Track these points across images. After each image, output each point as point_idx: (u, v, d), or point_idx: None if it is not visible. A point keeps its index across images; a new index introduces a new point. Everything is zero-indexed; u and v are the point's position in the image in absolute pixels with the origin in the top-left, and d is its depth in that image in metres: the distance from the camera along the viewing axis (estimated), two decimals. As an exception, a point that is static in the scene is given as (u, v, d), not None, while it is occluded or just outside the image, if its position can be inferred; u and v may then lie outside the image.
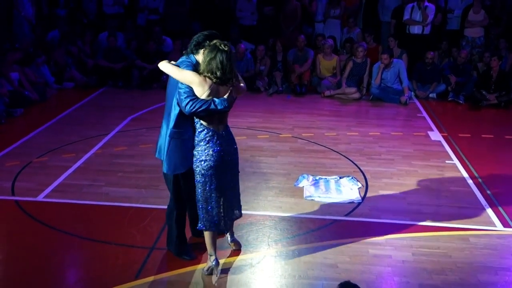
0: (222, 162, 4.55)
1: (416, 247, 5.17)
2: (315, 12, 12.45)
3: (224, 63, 4.37)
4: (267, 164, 7.20)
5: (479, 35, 11.56)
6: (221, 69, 4.36)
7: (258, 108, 10.01)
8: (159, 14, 12.52)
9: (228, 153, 4.61)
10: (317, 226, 5.55)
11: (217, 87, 4.45)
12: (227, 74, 4.41)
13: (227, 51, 4.41)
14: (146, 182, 6.53)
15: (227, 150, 4.58)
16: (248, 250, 5.08)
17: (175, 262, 4.85)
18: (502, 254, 5.12)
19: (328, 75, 11.26)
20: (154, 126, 8.72)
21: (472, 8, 11.52)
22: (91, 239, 5.22)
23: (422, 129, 8.97)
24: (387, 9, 12.18)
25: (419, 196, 6.31)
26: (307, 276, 4.68)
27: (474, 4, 11.50)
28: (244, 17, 12.37)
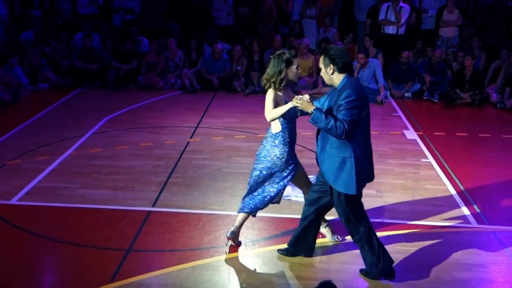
0: None
1: (392, 245, 5.20)
2: (291, 12, 12.48)
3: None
4: (244, 164, 7.19)
5: (454, 35, 11.71)
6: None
7: (235, 108, 10.00)
8: (135, 14, 12.43)
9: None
10: (294, 226, 5.53)
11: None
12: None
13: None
14: (123, 183, 6.48)
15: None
16: (225, 251, 5.06)
17: (152, 264, 4.82)
18: (476, 250, 5.18)
19: (304, 75, 11.30)
20: (131, 127, 8.68)
21: (446, 8, 11.66)
22: (66, 242, 5.15)
23: (397, 128, 9.04)
24: (363, 9, 12.27)
25: (395, 194, 6.36)
26: (285, 276, 4.69)
27: (448, 4, 11.64)
28: (221, 17, 12.35)
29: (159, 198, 6.13)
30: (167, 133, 8.43)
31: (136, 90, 11.12)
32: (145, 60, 11.47)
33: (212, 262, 4.88)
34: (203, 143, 8.02)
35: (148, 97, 10.58)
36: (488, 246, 5.25)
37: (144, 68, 11.44)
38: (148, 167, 7.01)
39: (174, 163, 7.15)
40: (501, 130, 8.97)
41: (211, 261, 4.90)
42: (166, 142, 7.97)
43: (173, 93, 11.07)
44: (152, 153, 7.51)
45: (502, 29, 11.77)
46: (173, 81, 11.39)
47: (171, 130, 8.63)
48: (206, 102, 10.37)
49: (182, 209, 5.86)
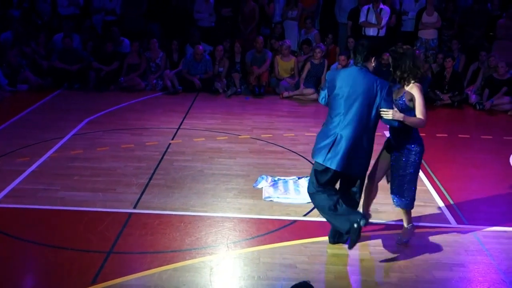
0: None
1: (373, 245, 5.24)
2: (273, 13, 12.51)
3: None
4: (226, 165, 7.20)
5: (433, 37, 11.82)
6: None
7: (217, 109, 10.00)
8: (116, 15, 12.36)
9: None
10: (276, 227, 5.57)
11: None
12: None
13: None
14: (103, 185, 6.43)
15: None
16: (207, 252, 5.06)
17: (133, 266, 4.79)
18: (456, 250, 5.23)
19: (286, 76, 11.33)
20: (112, 128, 8.63)
21: (425, 10, 11.77)
22: (46, 245, 5.10)
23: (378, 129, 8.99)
24: (344, 11, 12.33)
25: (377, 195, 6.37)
26: (266, 277, 4.69)
27: (427, 7, 11.76)
28: (202, 19, 12.32)
29: (141, 200, 6.10)
30: (149, 135, 8.39)
31: (117, 91, 11.06)
32: (126, 61, 11.41)
33: (194, 264, 4.86)
34: (185, 144, 8.00)
35: (129, 99, 10.52)
36: (467, 246, 5.31)
37: (125, 69, 11.38)
38: (129, 168, 6.97)
39: (156, 165, 7.12)
40: (480, 131, 9.07)
41: (193, 262, 4.88)
42: (147, 144, 7.94)
43: (154, 94, 11.02)
44: (133, 155, 7.47)
45: (481, 32, 11.92)
46: (155, 82, 11.35)
47: (152, 131, 8.59)
48: (187, 103, 10.35)
49: (164, 211, 5.84)
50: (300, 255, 5.04)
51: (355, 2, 12.23)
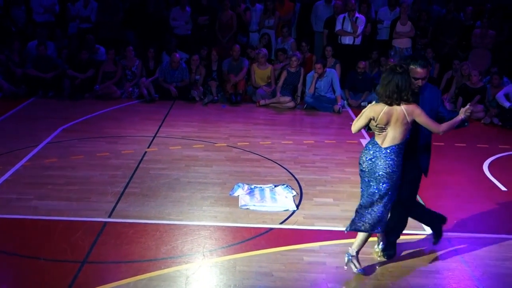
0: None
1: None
2: (250, 21, 12.53)
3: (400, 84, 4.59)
4: (202, 173, 7.17)
5: (407, 46, 11.98)
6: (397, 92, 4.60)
7: (193, 117, 9.97)
8: (91, 22, 12.28)
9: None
10: (252, 235, 5.55)
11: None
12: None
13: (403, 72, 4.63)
14: (78, 194, 6.35)
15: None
16: (183, 261, 5.02)
17: (107, 276, 4.73)
18: (431, 257, 5.27)
19: (262, 84, 11.35)
20: (87, 137, 8.55)
21: (399, 20, 11.92)
22: (19, 255, 5.02)
23: (355, 137, 9.11)
24: (320, 20, 12.42)
25: (352, 202, 6.38)
26: (242, 286, 4.67)
27: (401, 16, 11.92)
28: (179, 26, 12.31)
29: (116, 208, 6.04)
30: (124, 143, 8.32)
31: (93, 99, 10.96)
32: (101, 69, 11.32)
33: (170, 273, 4.82)
34: (161, 152, 7.95)
35: (105, 107, 10.44)
36: (442, 253, 5.35)
37: (101, 77, 11.29)
38: (104, 177, 6.90)
39: (131, 173, 7.06)
40: (454, 139, 9.17)
41: (168, 271, 4.84)
42: (123, 152, 7.87)
43: (130, 102, 10.96)
44: (108, 163, 7.40)
45: (454, 41, 12.11)
46: (131, 90, 11.28)
47: (128, 139, 8.53)
48: (164, 111, 10.30)
49: (139, 220, 5.79)
50: (277, 263, 5.03)
51: (331, 11, 12.33)
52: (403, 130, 4.66)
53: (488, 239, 5.56)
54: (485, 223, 6.00)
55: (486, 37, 11.79)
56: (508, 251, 5.39)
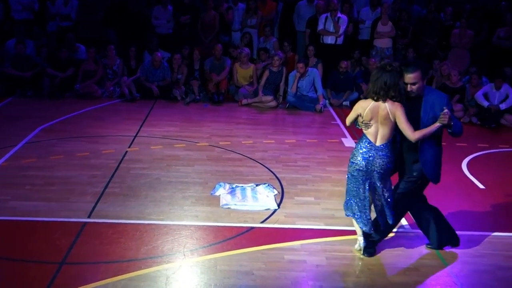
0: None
1: (329, 251, 5.28)
2: (232, 21, 12.52)
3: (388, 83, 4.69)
4: (183, 173, 7.14)
5: (388, 46, 12.06)
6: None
7: (175, 117, 9.93)
8: (71, 20, 12.17)
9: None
10: (233, 234, 5.55)
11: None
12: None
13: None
14: (57, 195, 6.30)
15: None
16: (163, 261, 4.99)
17: (86, 277, 4.69)
18: (410, 254, 5.31)
19: (245, 84, 11.35)
20: (66, 136, 8.48)
21: (380, 20, 11.99)
22: (-4, 256, 4.96)
23: (336, 136, 9.20)
24: (302, 19, 12.44)
25: (333, 201, 6.45)
26: (223, 285, 4.66)
27: (382, 17, 11.99)
28: (160, 25, 12.25)
29: (95, 208, 5.99)
30: (105, 143, 8.27)
31: (73, 99, 10.88)
32: (82, 68, 11.23)
33: (150, 273, 4.80)
34: (142, 152, 7.91)
35: (85, 106, 10.36)
36: (421, 250, 5.39)
37: (81, 76, 11.20)
38: (84, 177, 6.85)
39: (112, 173, 7.01)
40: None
41: (148, 271, 4.82)
42: (103, 152, 7.82)
43: (111, 102, 10.89)
44: (88, 163, 7.34)
45: (434, 41, 12.21)
46: (112, 89, 11.20)
47: (109, 139, 8.47)
48: (145, 110, 10.25)
49: (119, 220, 5.75)
50: (257, 262, 5.03)
51: (313, 10, 12.35)
52: (391, 127, 4.79)
53: (466, 236, 5.60)
54: (463, 221, 6.05)
55: (465, 37, 11.91)
56: (485, 248, 5.45)
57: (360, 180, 4.91)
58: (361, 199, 4.96)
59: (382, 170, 4.84)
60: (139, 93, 11.05)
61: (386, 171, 4.88)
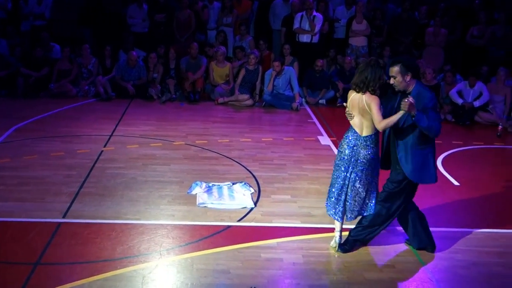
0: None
1: (306, 249, 5.30)
2: (208, 19, 12.49)
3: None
4: (160, 172, 7.11)
5: (363, 44, 12.15)
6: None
7: (151, 116, 9.88)
8: (45, 19, 12.01)
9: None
10: (210, 233, 5.54)
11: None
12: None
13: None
14: (31, 195, 6.22)
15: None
16: (140, 260, 4.96)
17: (61, 277, 4.64)
18: (386, 251, 5.36)
19: (221, 82, 11.33)
20: (41, 136, 8.38)
21: (355, 18, 12.07)
22: (-32, 258, 4.88)
23: (312, 134, 9.24)
24: (278, 18, 12.46)
25: (310, 199, 6.48)
26: (200, 284, 4.65)
27: (356, 15, 12.06)
28: (136, 24, 12.17)
29: (70, 208, 5.93)
30: (80, 142, 8.19)
31: (47, 98, 10.76)
32: (56, 67, 11.11)
33: (126, 273, 4.76)
34: (117, 151, 7.85)
35: (60, 105, 10.25)
36: (397, 247, 5.44)
37: (56, 75, 11.08)
38: (59, 177, 6.77)
39: (87, 173, 6.95)
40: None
41: (124, 271, 4.78)
42: (78, 151, 7.74)
43: (86, 101, 10.79)
44: (63, 163, 7.27)
45: (409, 39, 12.33)
46: (87, 88, 11.10)
47: (84, 139, 8.39)
48: (121, 110, 10.18)
49: (95, 220, 5.70)
50: (234, 260, 5.03)
51: (288, 9, 12.38)
52: (371, 119, 4.93)
53: (440, 232, 5.68)
54: (438, 217, 6.12)
55: (439, 35, 12.05)
56: (458, 244, 5.52)
57: (343, 168, 5.05)
58: (339, 187, 5.09)
59: (365, 160, 4.98)
60: (114, 92, 10.96)
61: (369, 162, 5.00)
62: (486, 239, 5.69)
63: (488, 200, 6.72)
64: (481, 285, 4.83)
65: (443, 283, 4.83)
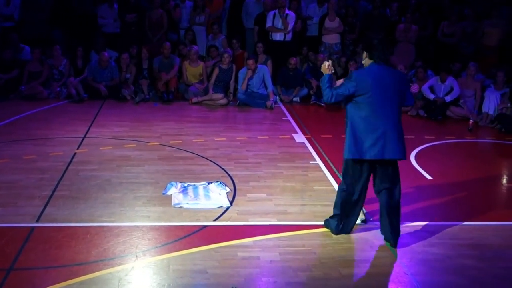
0: None
1: (282, 246, 5.31)
2: (180, 19, 12.43)
3: None
4: (134, 173, 7.05)
5: (336, 41, 12.22)
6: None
7: (125, 117, 9.80)
8: (14, 21, 11.82)
9: None
10: (186, 233, 5.52)
11: None
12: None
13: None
14: (3, 199, 6.12)
15: None
16: (115, 263, 4.92)
17: (36, 282, 4.58)
18: (361, 247, 5.41)
19: (195, 82, 11.30)
20: (12, 139, 8.26)
21: (327, 16, 12.13)
22: None
23: (287, 132, 9.27)
24: (250, 16, 12.47)
25: (285, 197, 6.50)
26: (176, 285, 4.63)
27: (329, 13, 12.13)
28: (107, 25, 12.05)
29: (44, 212, 5.85)
30: (52, 145, 8.08)
31: (18, 100, 10.60)
32: (27, 69, 10.95)
33: (101, 276, 4.72)
34: (91, 153, 7.77)
35: (31, 108, 10.11)
36: (372, 242, 5.48)
37: (26, 77, 10.93)
38: (31, 180, 6.68)
39: (60, 176, 6.86)
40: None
41: (100, 274, 4.74)
42: (51, 154, 7.64)
43: (58, 103, 10.66)
44: (35, 166, 7.17)
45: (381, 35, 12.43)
46: (58, 90, 10.97)
47: (56, 141, 8.29)
48: (94, 111, 10.07)
49: (69, 223, 5.63)
50: (211, 260, 5.02)
51: (261, 7, 12.39)
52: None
53: (414, 226, 5.76)
54: (412, 211, 6.20)
55: (410, 31, 12.18)
56: (433, 238, 5.59)
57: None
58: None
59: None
60: (86, 94, 10.85)
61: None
62: (460, 232, 5.77)
63: (460, 193, 6.82)
64: (455, 277, 4.90)
65: (418, 276, 4.89)
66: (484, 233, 5.79)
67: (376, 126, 5.08)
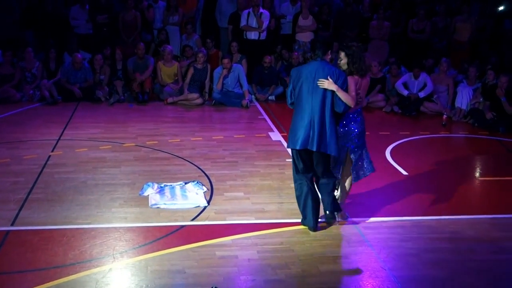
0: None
1: (261, 244, 5.32)
2: (153, 19, 12.36)
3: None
4: (110, 175, 7.00)
5: (310, 39, 12.23)
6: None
7: (99, 118, 9.72)
8: (-17, 22, 11.65)
9: None
10: (163, 234, 5.50)
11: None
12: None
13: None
14: (-24, 204, 6.03)
15: None
16: (92, 265, 4.88)
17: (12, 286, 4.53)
18: (339, 243, 5.45)
19: (169, 82, 11.24)
20: (-16, 143, 8.12)
21: (301, 14, 12.17)
22: None
23: (263, 130, 9.29)
24: (224, 15, 12.44)
25: (262, 195, 6.52)
26: (155, 285, 4.61)
27: (302, 11, 12.17)
28: (79, 26, 11.92)
29: (19, 216, 5.77)
30: (26, 148, 7.98)
31: (-9, 103, 10.45)
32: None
33: (78, 278, 4.68)
34: (66, 155, 7.69)
35: (4, 111, 9.96)
36: (349, 238, 5.54)
37: (-2, 80, 10.76)
38: (6, 184, 6.58)
39: (35, 179, 6.78)
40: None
41: (77, 277, 4.70)
42: (25, 157, 7.54)
43: (31, 106, 10.52)
44: (9, 170, 7.07)
45: (354, 33, 12.52)
46: (31, 92, 10.82)
47: (30, 144, 8.18)
48: (68, 113, 9.97)
49: (45, 226, 5.57)
50: (189, 260, 5.01)
51: (234, 6, 12.38)
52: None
53: (391, 222, 5.82)
54: (388, 207, 6.26)
55: (382, 28, 12.29)
56: (409, 233, 5.66)
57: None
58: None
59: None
60: (60, 96, 10.73)
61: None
62: (436, 226, 5.86)
63: (436, 188, 6.91)
64: (432, 271, 4.96)
65: (395, 271, 4.94)
66: (459, 226, 5.87)
67: (303, 118, 5.37)
